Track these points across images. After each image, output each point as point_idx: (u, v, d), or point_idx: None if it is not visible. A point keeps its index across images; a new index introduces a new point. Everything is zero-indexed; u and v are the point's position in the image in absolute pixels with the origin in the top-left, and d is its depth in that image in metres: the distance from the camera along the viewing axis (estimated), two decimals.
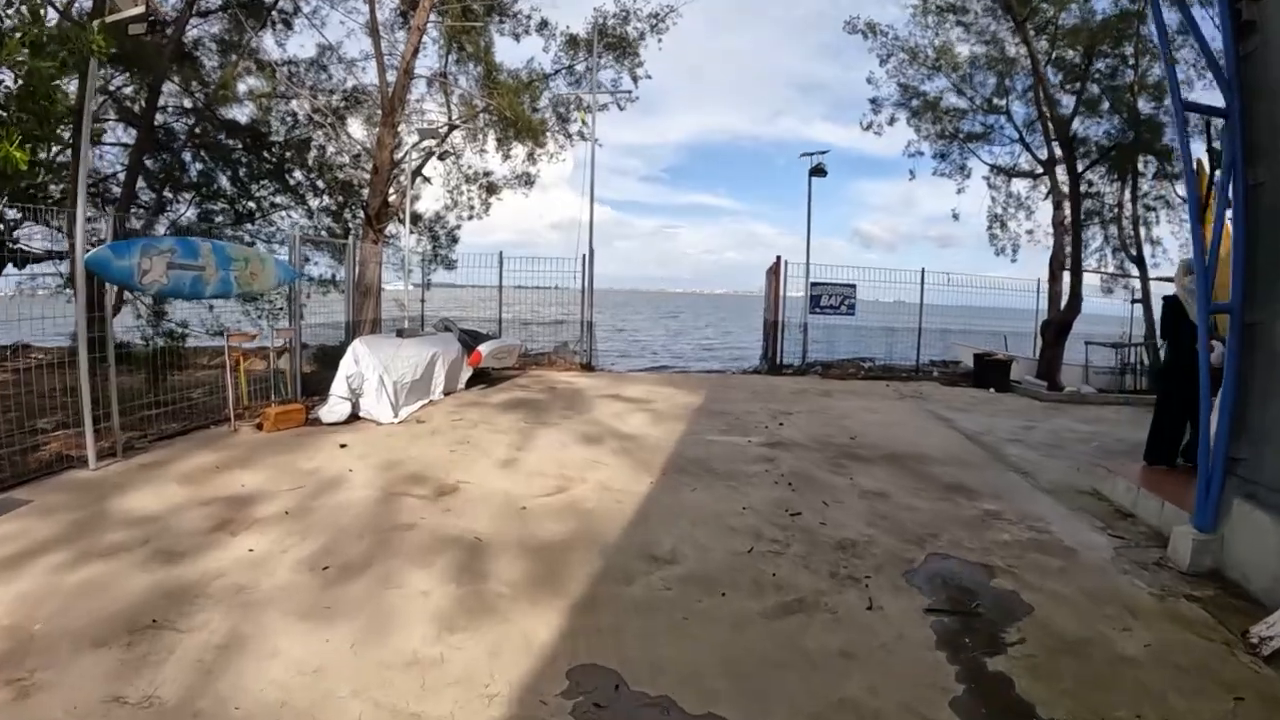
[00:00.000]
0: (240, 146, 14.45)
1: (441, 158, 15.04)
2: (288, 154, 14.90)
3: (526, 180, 16.11)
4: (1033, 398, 11.52)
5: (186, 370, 9.53)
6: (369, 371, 7.83)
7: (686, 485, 5.56)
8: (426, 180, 16.40)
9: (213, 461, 5.95)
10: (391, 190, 14.20)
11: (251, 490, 5.18)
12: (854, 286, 13.47)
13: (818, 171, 13.81)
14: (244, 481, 5.38)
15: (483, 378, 10.35)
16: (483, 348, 9.72)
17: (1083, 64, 13.42)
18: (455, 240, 16.45)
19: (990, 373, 12.40)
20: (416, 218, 16.58)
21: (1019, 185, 17.19)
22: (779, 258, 13.14)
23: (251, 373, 8.27)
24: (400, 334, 9.29)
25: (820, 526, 4.79)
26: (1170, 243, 20.73)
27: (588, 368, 12.47)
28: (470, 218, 16.39)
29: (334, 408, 7.58)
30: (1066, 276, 14.25)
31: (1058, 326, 13.82)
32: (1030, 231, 17.63)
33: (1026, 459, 7.02)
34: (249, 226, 14.70)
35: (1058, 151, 15.39)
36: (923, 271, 14.05)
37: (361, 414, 7.77)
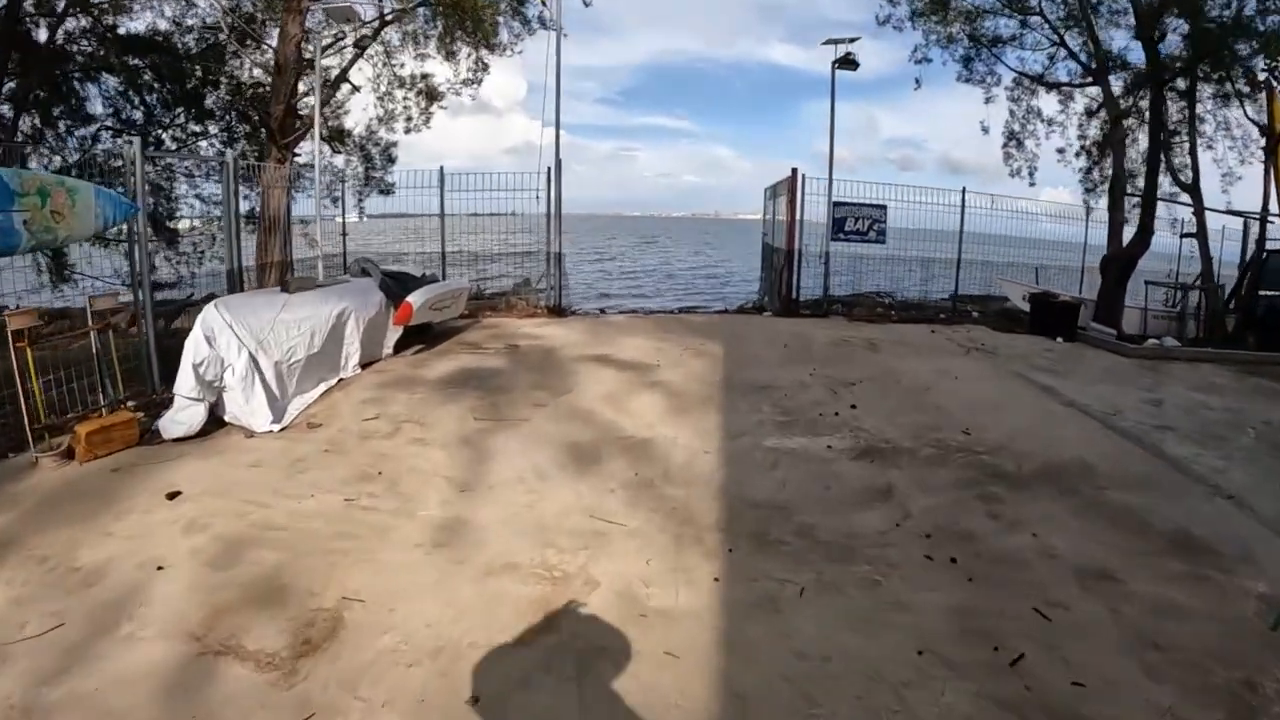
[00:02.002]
0: (143, 65, 11.17)
1: (359, 45, 11.57)
2: (196, 69, 11.65)
3: (474, 81, 12.84)
4: (1111, 351, 9.27)
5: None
6: (231, 352, 4.99)
7: (783, 581, 2.99)
8: (355, 89, 13.03)
9: None
10: (308, 97, 10.97)
11: None
12: (884, 208, 10.80)
13: (846, 63, 10.86)
14: None
15: (421, 334, 7.51)
16: (414, 297, 6.84)
17: None
18: (392, 160, 13.40)
19: (1054, 318, 10.06)
20: (343, 134, 13.28)
21: (1044, 101, 14.70)
22: (795, 171, 10.32)
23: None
24: (285, 287, 6.28)
25: (1080, 693, 2.35)
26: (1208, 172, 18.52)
27: (557, 312, 9.69)
28: (408, 130, 13.23)
29: (179, 415, 4.77)
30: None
31: (1123, 263, 11.52)
32: (1061, 151, 15.27)
33: (1204, 464, 4.82)
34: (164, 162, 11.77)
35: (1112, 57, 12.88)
36: (963, 191, 11.46)
37: (227, 418, 4.98)
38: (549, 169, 9.40)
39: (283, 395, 5.34)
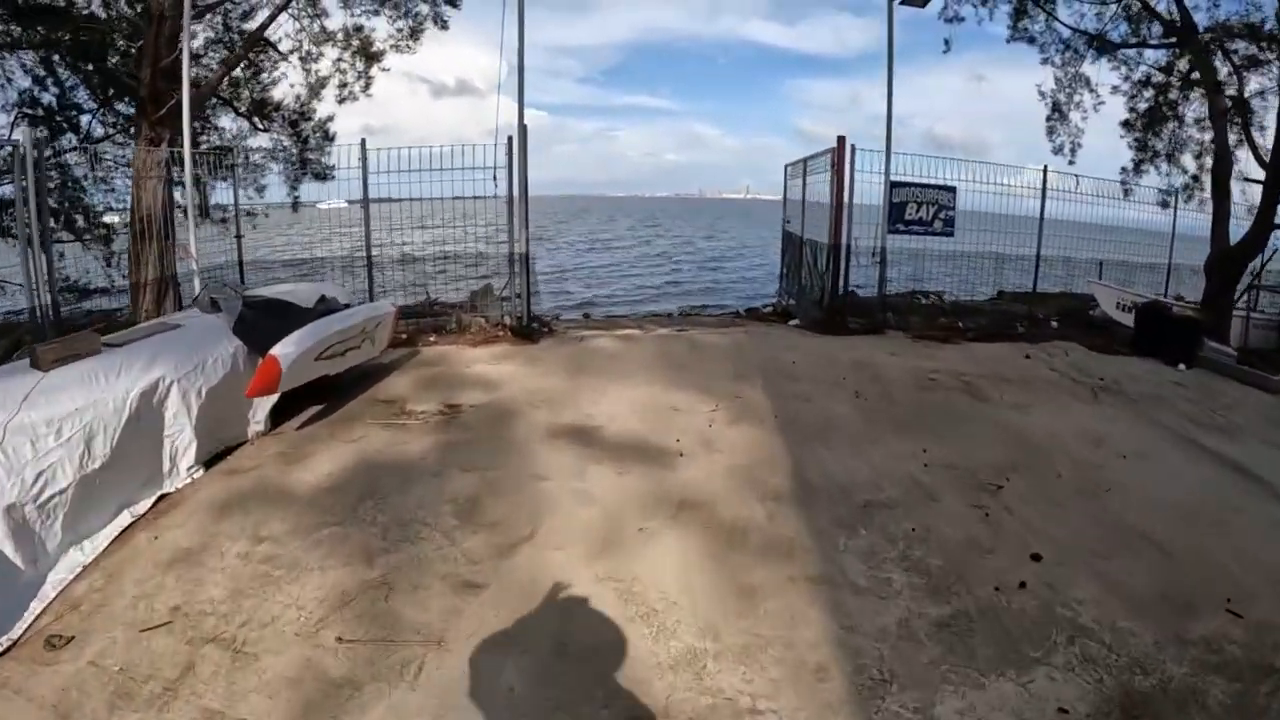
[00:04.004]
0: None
1: None
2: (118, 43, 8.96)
3: (418, 30, 10.11)
4: (1246, 383, 6.95)
5: None
6: None
7: None
8: (282, 55, 10.31)
9: None
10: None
11: None
12: (954, 190, 8.30)
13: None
14: None
15: (323, 387, 4.94)
16: (284, 349, 4.22)
17: None
18: (329, 137, 10.63)
19: (1171, 336, 7.72)
20: (265, 107, 10.50)
21: (1093, 68, 12.41)
22: (841, 141, 7.72)
23: None
24: (36, 359, 3.47)
25: None
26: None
27: (524, 334, 7.10)
28: (342, 100, 10.51)
29: None
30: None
31: (1237, 263, 9.20)
32: (1128, 123, 12.96)
33: None
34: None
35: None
36: (1045, 170, 9.02)
37: None
38: (510, 138, 6.73)
39: (29, 560, 2.86)
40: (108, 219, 9.57)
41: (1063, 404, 5.67)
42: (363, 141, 7.04)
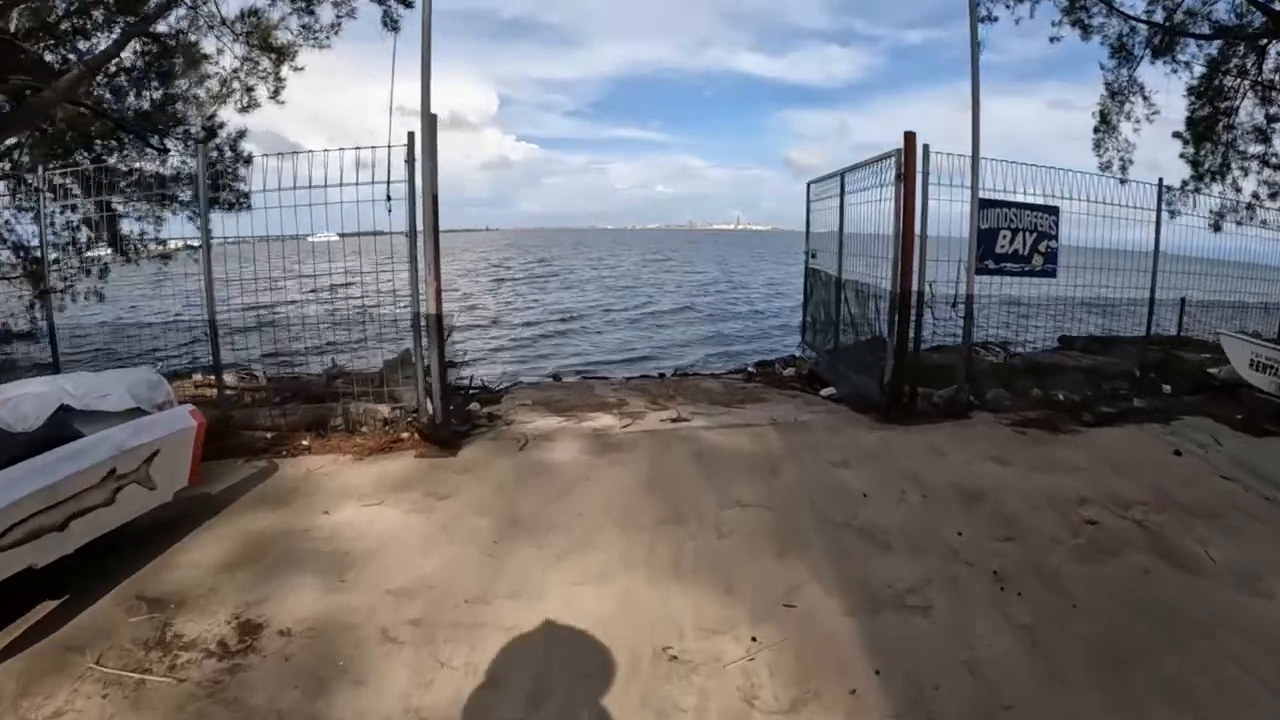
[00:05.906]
0: None
1: None
2: None
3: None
4: None
5: None
6: None
7: None
8: (172, 53, 8.01)
9: None
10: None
11: None
12: (1056, 213, 5.98)
13: None
14: None
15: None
16: None
17: None
18: (245, 160, 8.09)
19: None
20: (155, 120, 8.04)
21: (1149, 73, 10.63)
22: (911, 138, 5.24)
23: None
24: None
25: None
26: None
27: (437, 438, 4.63)
28: (245, 108, 8.04)
29: None
30: None
31: None
32: (1183, 136, 11.11)
33: None
34: None
35: None
36: (1160, 184, 6.77)
37: None
38: (410, 135, 4.31)
39: None
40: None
41: None
42: (203, 143, 4.65)
